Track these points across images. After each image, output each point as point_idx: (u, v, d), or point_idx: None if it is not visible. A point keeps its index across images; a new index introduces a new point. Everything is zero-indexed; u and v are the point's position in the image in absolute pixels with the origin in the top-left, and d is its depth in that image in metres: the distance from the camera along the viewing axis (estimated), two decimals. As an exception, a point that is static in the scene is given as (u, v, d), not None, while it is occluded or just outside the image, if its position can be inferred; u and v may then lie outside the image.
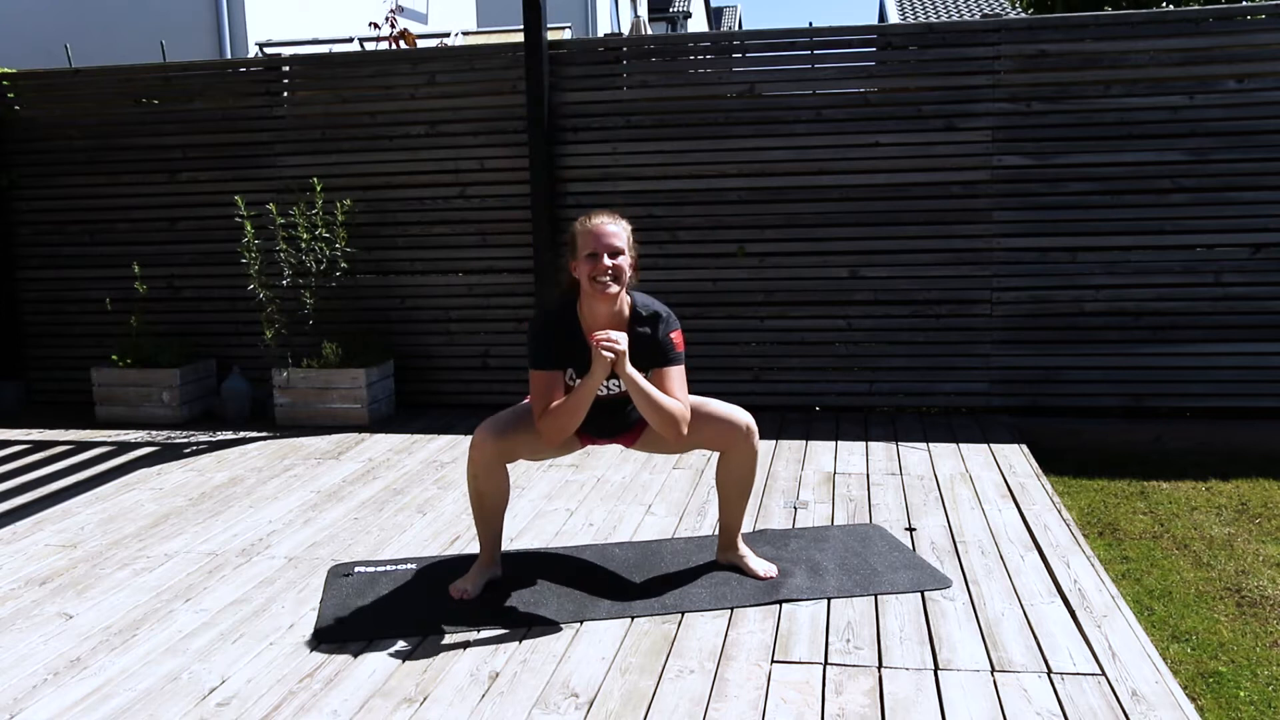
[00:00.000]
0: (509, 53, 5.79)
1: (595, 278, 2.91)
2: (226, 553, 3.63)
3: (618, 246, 2.93)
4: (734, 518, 3.28)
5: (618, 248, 2.93)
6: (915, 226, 5.48)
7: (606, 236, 2.92)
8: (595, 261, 2.91)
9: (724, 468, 3.18)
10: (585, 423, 3.09)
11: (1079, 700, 2.46)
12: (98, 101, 6.20)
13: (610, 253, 2.91)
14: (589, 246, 2.92)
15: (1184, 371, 5.37)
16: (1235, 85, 5.19)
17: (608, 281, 2.91)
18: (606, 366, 2.87)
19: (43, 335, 6.44)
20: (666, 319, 3.04)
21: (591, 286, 2.93)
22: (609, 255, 2.91)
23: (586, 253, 2.92)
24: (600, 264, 2.90)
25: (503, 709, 2.49)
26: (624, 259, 2.94)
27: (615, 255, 2.92)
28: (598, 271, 2.91)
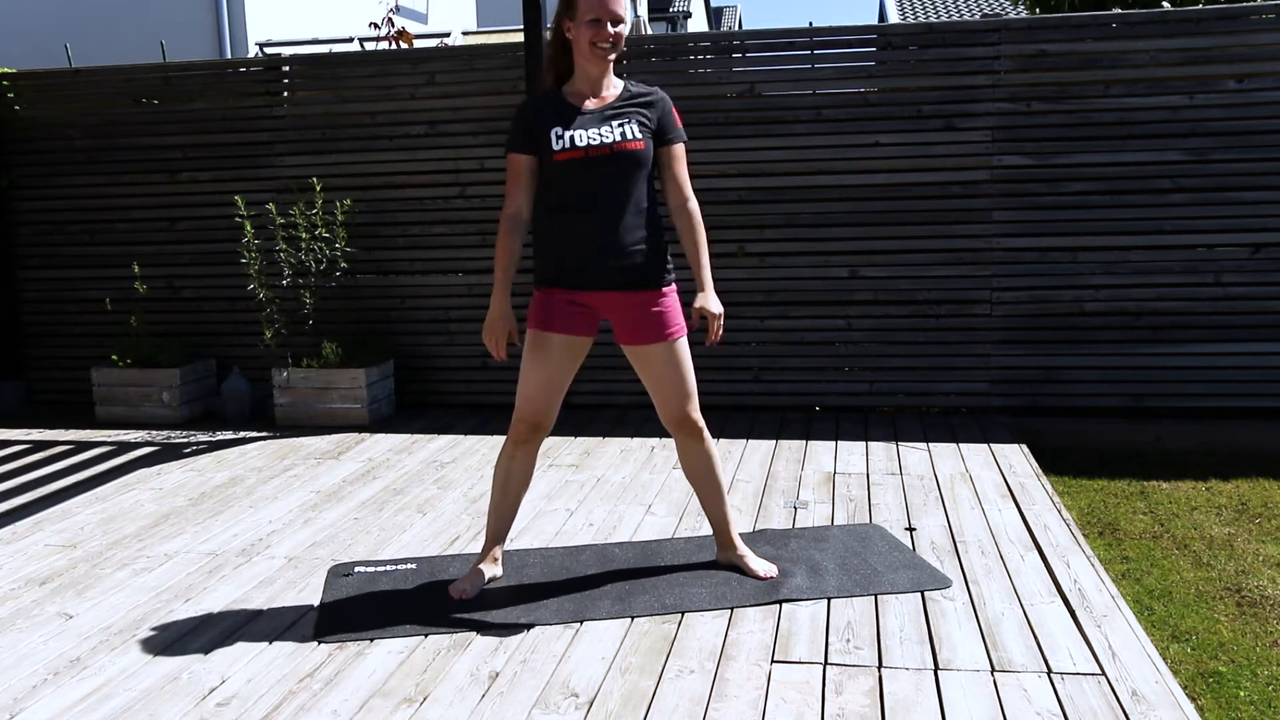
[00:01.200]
0: (509, 53, 5.79)
1: (596, 43, 2.91)
2: (226, 553, 3.63)
3: (620, 14, 2.93)
4: (718, 515, 3.28)
5: (620, 16, 2.93)
6: (915, 226, 5.48)
7: (612, 3, 2.91)
8: (599, 28, 2.91)
9: (682, 459, 3.25)
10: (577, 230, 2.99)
11: (1079, 700, 2.47)
12: (98, 101, 6.20)
13: (614, 20, 2.91)
14: (593, 11, 2.90)
15: (1184, 371, 5.37)
16: (1235, 85, 5.19)
17: (609, 48, 2.93)
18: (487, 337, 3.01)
19: (43, 335, 6.44)
20: (665, 97, 3.07)
21: (591, 51, 2.93)
22: (612, 23, 2.91)
23: (590, 17, 2.91)
24: (604, 30, 2.90)
25: (503, 709, 2.49)
26: (624, 27, 2.94)
27: (618, 23, 2.92)
28: (599, 38, 2.91)
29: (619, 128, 2.96)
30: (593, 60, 2.95)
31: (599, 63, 2.96)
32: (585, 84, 3.01)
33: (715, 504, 3.27)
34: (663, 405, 3.14)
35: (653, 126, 3.03)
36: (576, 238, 3.00)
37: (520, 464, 3.17)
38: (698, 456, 3.21)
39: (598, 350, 5.65)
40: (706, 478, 3.24)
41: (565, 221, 3.01)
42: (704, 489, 3.26)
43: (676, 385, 3.11)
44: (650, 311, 3.06)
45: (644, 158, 3.00)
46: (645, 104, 3.04)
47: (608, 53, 2.93)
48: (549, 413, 3.10)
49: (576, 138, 2.94)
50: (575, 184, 2.97)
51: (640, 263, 3.03)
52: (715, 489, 3.25)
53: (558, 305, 3.06)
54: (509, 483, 3.19)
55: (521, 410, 3.09)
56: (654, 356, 3.08)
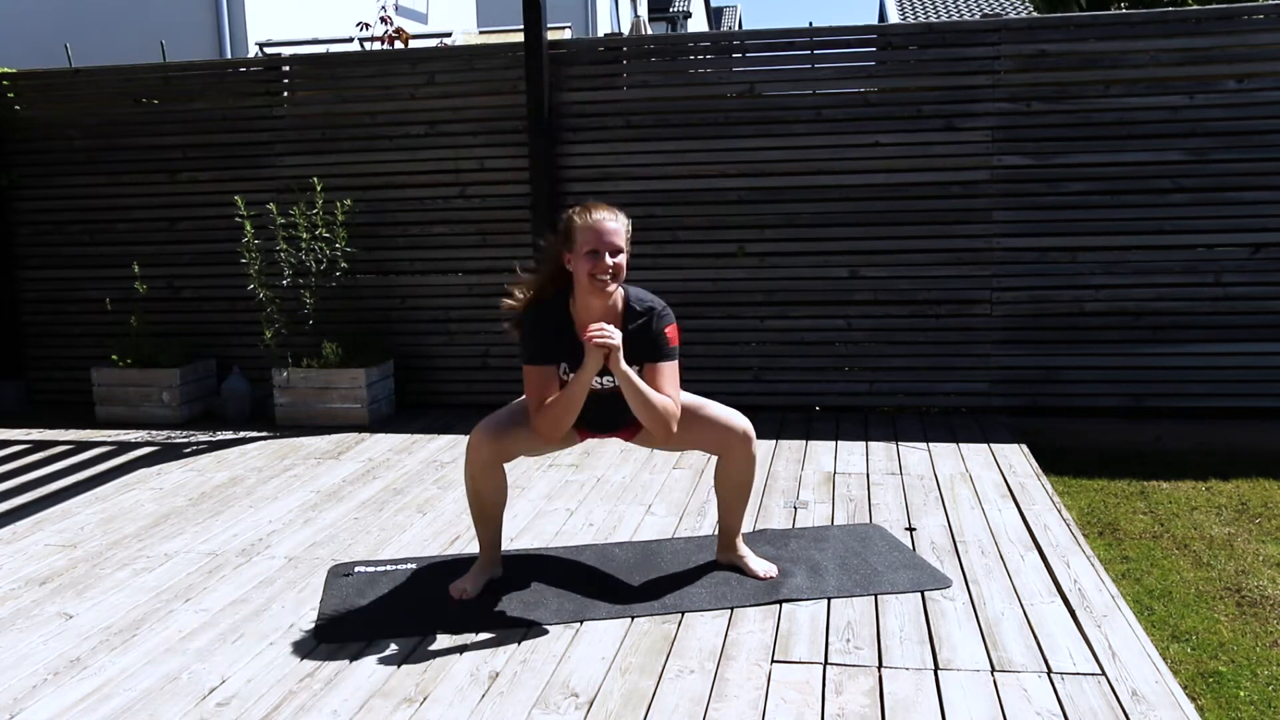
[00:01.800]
0: (509, 53, 5.79)
1: (595, 275, 2.88)
2: (226, 553, 3.63)
3: (619, 245, 2.90)
4: (733, 520, 3.27)
5: (619, 246, 2.90)
6: (915, 226, 5.48)
7: (609, 234, 2.88)
8: (597, 260, 2.86)
9: (722, 471, 3.18)
10: (582, 417, 3.07)
11: (1079, 700, 2.46)
12: (98, 101, 6.20)
13: (612, 251, 2.88)
14: (590, 243, 2.87)
15: (1184, 371, 5.37)
16: (1235, 85, 5.19)
17: (608, 280, 2.88)
18: (599, 359, 2.84)
19: (43, 335, 6.44)
20: (661, 314, 3.01)
21: (590, 284, 2.89)
22: (610, 254, 2.88)
23: (587, 249, 2.87)
24: (602, 263, 2.86)
25: (503, 709, 2.49)
26: (623, 257, 2.91)
27: (616, 254, 2.89)
28: (598, 270, 2.87)
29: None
30: (594, 293, 2.91)
31: (600, 295, 2.92)
32: (588, 315, 2.97)
33: (737, 512, 3.25)
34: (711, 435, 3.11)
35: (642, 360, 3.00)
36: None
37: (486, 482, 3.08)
38: (746, 463, 3.15)
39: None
40: (745, 484, 3.19)
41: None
42: (736, 495, 3.21)
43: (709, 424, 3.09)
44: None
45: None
46: (639, 335, 2.99)
47: (607, 284, 2.89)
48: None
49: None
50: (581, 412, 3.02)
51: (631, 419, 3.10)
52: (744, 498, 3.23)
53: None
54: (482, 500, 3.12)
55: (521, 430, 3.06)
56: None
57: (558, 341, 2.99)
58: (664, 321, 3.00)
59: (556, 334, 2.99)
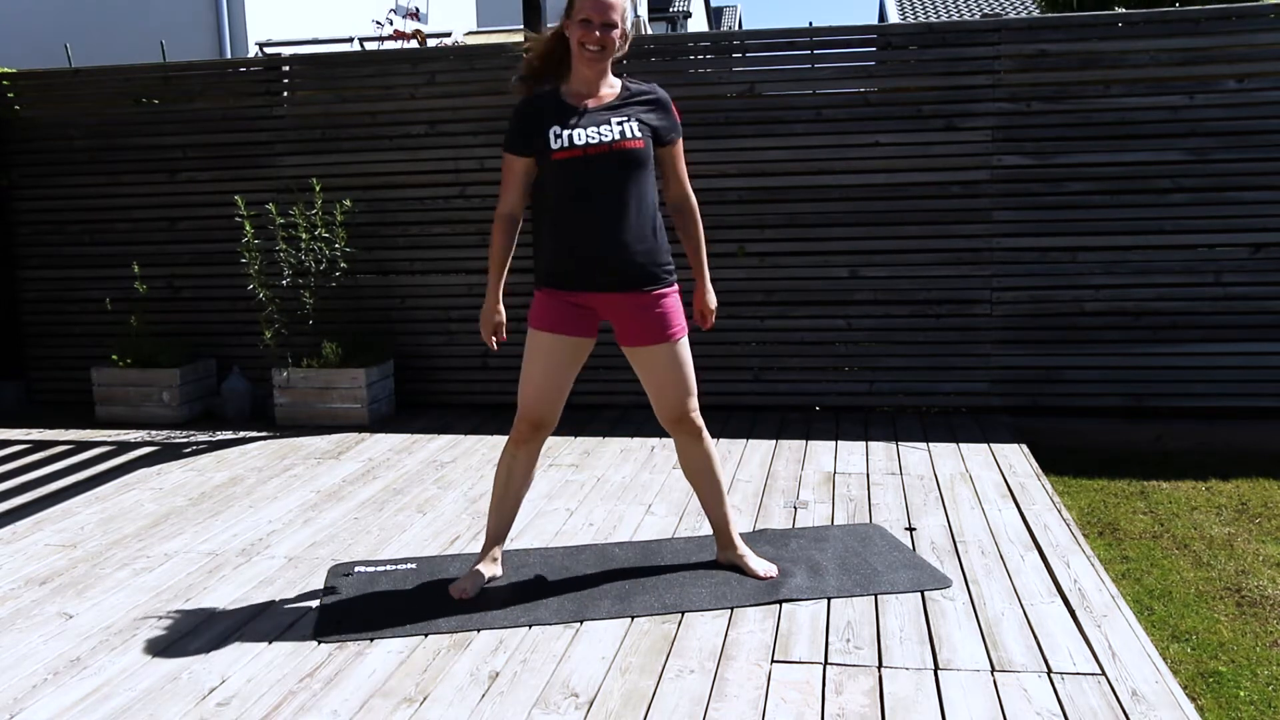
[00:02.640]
0: (509, 53, 5.79)
1: (585, 44, 2.92)
2: (226, 553, 3.63)
3: (612, 19, 2.92)
4: (716, 512, 3.28)
5: (612, 20, 2.92)
6: (915, 226, 5.48)
7: (603, 7, 2.91)
8: (587, 29, 2.91)
9: (681, 458, 3.26)
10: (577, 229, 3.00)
11: (1079, 700, 2.46)
12: (98, 101, 6.20)
13: (604, 24, 2.91)
14: (584, 11, 2.92)
15: (1184, 371, 5.37)
16: (1235, 85, 5.19)
17: (596, 50, 2.93)
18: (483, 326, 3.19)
19: (43, 335, 6.44)
20: (664, 96, 3.09)
21: (580, 51, 2.94)
22: (601, 27, 2.91)
23: (580, 17, 2.92)
24: (591, 33, 2.91)
25: (503, 709, 2.49)
26: (615, 32, 2.94)
27: (608, 28, 2.92)
28: (588, 39, 2.91)
29: (618, 126, 2.96)
30: (583, 61, 2.96)
31: (590, 64, 2.96)
32: (581, 84, 3.01)
33: (715, 504, 3.27)
34: (661, 405, 3.14)
35: (652, 125, 3.03)
36: (576, 238, 3.00)
37: (522, 464, 3.17)
38: (697, 456, 3.21)
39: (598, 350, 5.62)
40: (706, 477, 3.24)
41: (565, 222, 3.01)
42: (703, 489, 3.26)
43: (677, 385, 3.11)
44: (652, 313, 3.07)
45: (643, 156, 2.99)
46: (644, 102, 3.05)
47: (595, 56, 2.93)
48: (551, 412, 3.10)
49: (575, 136, 2.94)
50: (574, 183, 2.97)
51: (640, 263, 3.03)
52: (715, 489, 3.25)
53: (558, 306, 3.07)
54: (510, 482, 3.19)
55: (524, 410, 3.10)
56: (656, 357, 3.08)
57: (543, 115, 2.98)
58: (669, 101, 3.10)
59: (542, 110, 3.00)
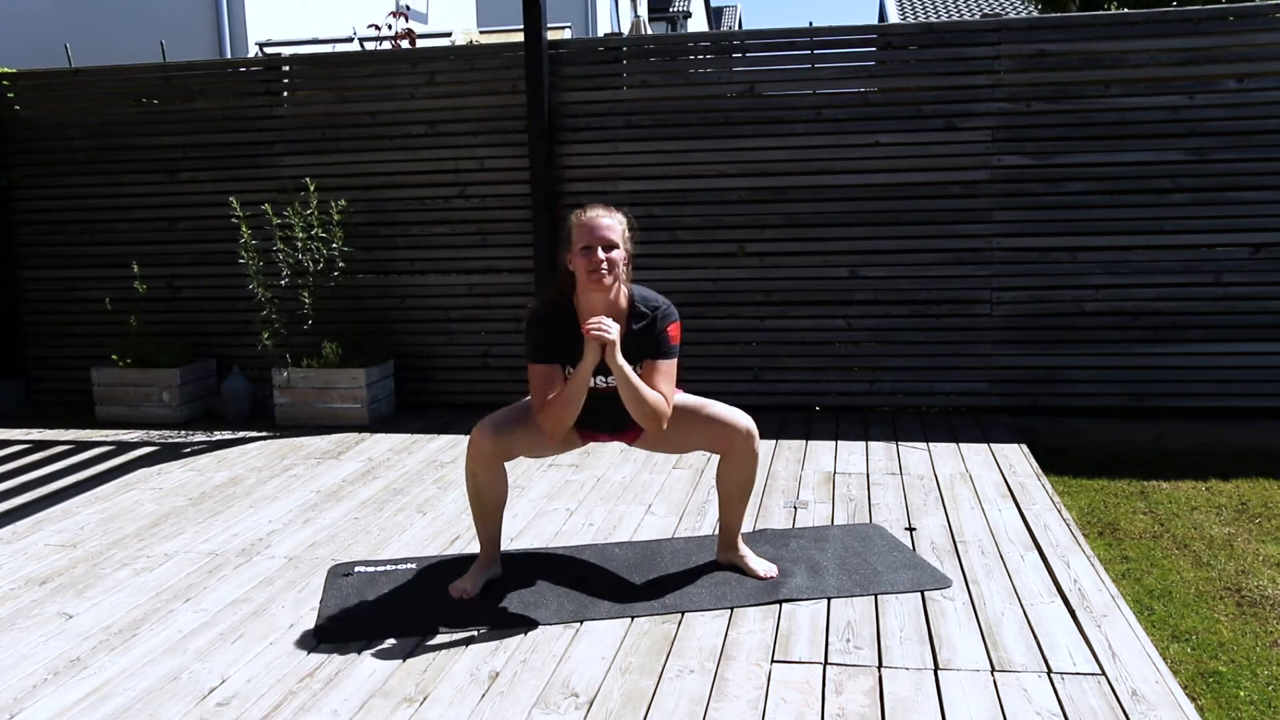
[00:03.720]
0: (509, 53, 5.79)
1: (590, 271, 2.92)
2: (226, 553, 3.63)
3: (612, 240, 2.94)
4: (734, 519, 3.28)
5: (612, 241, 2.94)
6: (915, 226, 5.48)
7: (600, 229, 2.93)
8: (590, 255, 2.92)
9: (724, 470, 3.18)
10: (585, 417, 3.09)
11: (1079, 700, 2.46)
12: (98, 101, 6.20)
13: (604, 245, 2.92)
14: (583, 239, 2.93)
15: (1184, 371, 5.37)
16: (1235, 85, 5.19)
17: (603, 275, 2.92)
18: (598, 351, 2.89)
19: (43, 335, 6.44)
20: (665, 312, 3.05)
21: (587, 280, 2.94)
22: (603, 248, 2.92)
23: (581, 245, 2.93)
24: (594, 257, 2.91)
25: (503, 709, 2.49)
26: (618, 252, 2.95)
27: (610, 249, 2.93)
28: (592, 265, 2.91)
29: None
30: (591, 288, 2.96)
31: (597, 289, 2.96)
32: (590, 311, 3.01)
33: (736, 513, 3.26)
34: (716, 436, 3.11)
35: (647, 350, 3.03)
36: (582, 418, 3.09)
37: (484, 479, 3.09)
38: (751, 462, 3.16)
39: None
40: (743, 488, 3.21)
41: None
42: (734, 498, 3.22)
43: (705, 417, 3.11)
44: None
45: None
46: (644, 329, 3.03)
47: (603, 278, 2.93)
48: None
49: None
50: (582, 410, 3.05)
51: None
52: (745, 500, 3.24)
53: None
54: (482, 498, 3.13)
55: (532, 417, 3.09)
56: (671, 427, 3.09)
57: (560, 340, 3.02)
58: (667, 320, 3.04)
59: (559, 332, 3.03)
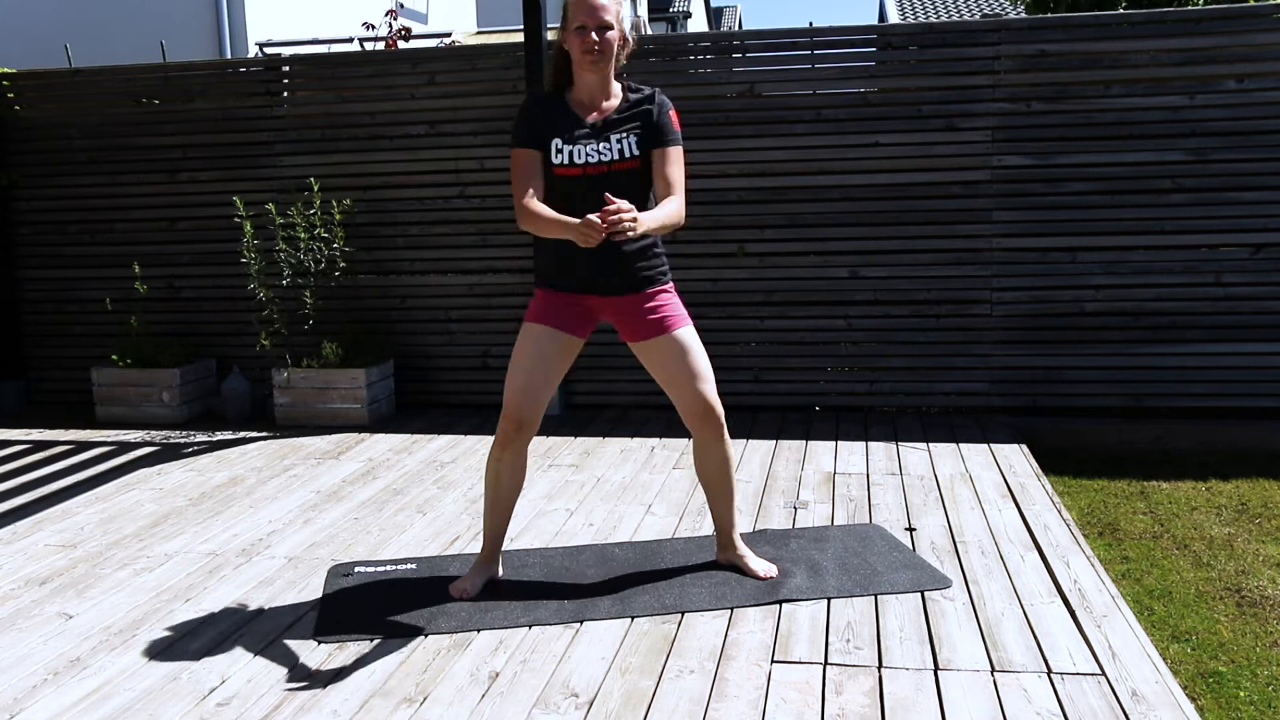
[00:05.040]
0: (509, 53, 5.79)
1: (584, 51, 2.94)
2: (226, 553, 3.63)
3: (606, 20, 2.94)
4: (722, 513, 3.28)
5: (606, 21, 2.94)
6: (915, 226, 5.48)
7: (596, 9, 2.94)
8: (584, 35, 2.93)
9: (698, 460, 3.23)
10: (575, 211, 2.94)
11: (1079, 700, 2.47)
12: (98, 101, 6.20)
13: (599, 26, 2.93)
14: (578, 19, 2.94)
15: (1184, 371, 5.37)
16: (1235, 85, 5.19)
17: (596, 55, 2.94)
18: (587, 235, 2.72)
19: (43, 335, 6.44)
20: (663, 100, 3.07)
21: (581, 58, 2.96)
22: (597, 30, 2.93)
23: (575, 25, 2.95)
24: (588, 38, 2.93)
25: (503, 709, 2.49)
26: (612, 33, 2.96)
27: (604, 30, 2.94)
28: (586, 44, 2.93)
29: (616, 144, 2.99)
30: (584, 67, 2.98)
31: (591, 70, 2.98)
32: (584, 92, 3.04)
33: (724, 506, 3.27)
34: (680, 397, 3.11)
35: (648, 133, 3.04)
36: (575, 247, 3.00)
37: (509, 466, 3.13)
38: (715, 456, 3.18)
39: (598, 350, 5.66)
40: (720, 479, 3.22)
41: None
42: (715, 489, 3.24)
43: (689, 372, 3.09)
44: (649, 308, 3.09)
45: (639, 173, 3.03)
46: (643, 112, 3.05)
47: (595, 59, 2.95)
48: (535, 408, 3.07)
49: (575, 154, 2.97)
50: (573, 199, 3.00)
51: (637, 267, 3.07)
52: (727, 492, 3.25)
53: (557, 304, 3.08)
54: (499, 486, 3.15)
55: (509, 404, 3.06)
56: (660, 349, 3.09)
57: (549, 120, 3.01)
58: (666, 106, 3.07)
59: (548, 114, 3.02)
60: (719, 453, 3.18)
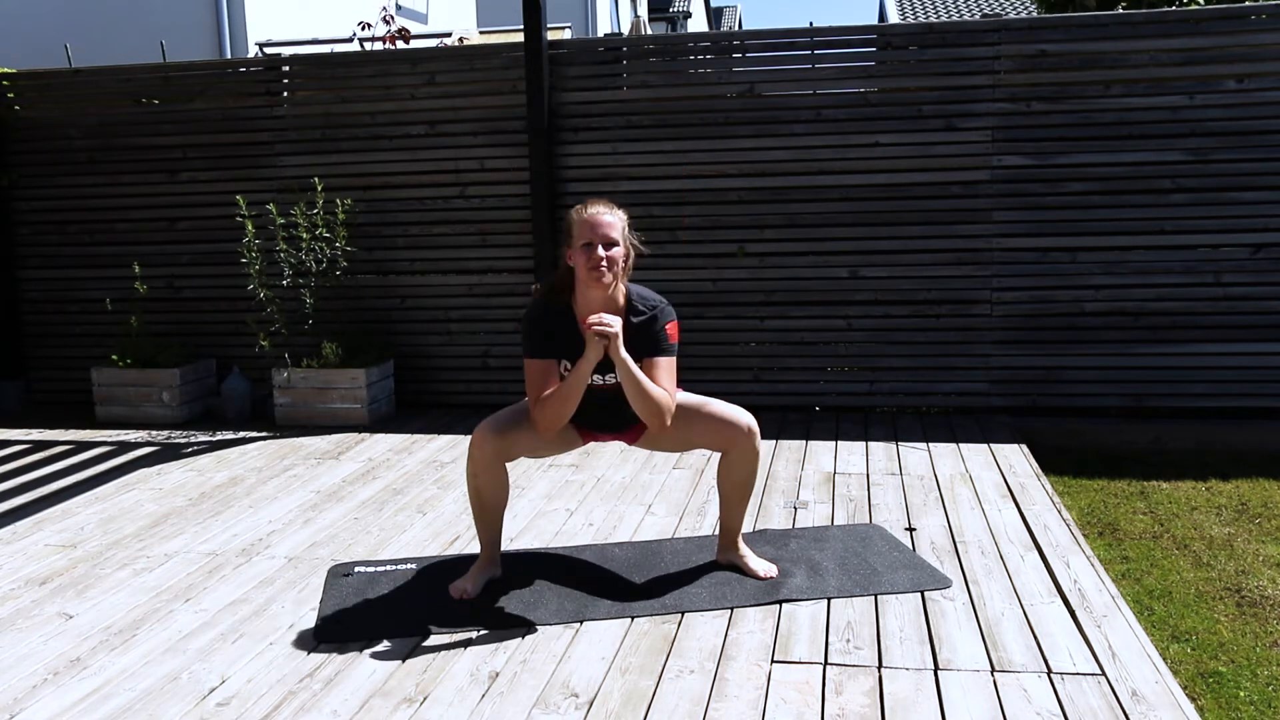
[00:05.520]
0: (509, 53, 5.79)
1: (590, 268, 2.93)
2: (226, 553, 3.63)
3: (613, 237, 2.94)
4: (734, 518, 3.28)
5: (613, 239, 2.94)
6: (915, 226, 5.49)
7: (602, 227, 2.93)
8: (590, 252, 2.92)
9: (724, 468, 3.18)
10: (584, 415, 3.09)
11: (1079, 700, 2.46)
12: (98, 101, 6.20)
13: (605, 243, 2.93)
14: (584, 236, 2.94)
15: (1184, 371, 5.37)
16: (1235, 85, 5.19)
17: (603, 272, 2.92)
18: (599, 349, 2.88)
19: (43, 335, 6.44)
20: (662, 310, 3.05)
21: (587, 276, 2.94)
22: (603, 246, 2.92)
23: (582, 242, 2.94)
24: (595, 255, 2.91)
25: (503, 709, 2.49)
26: (618, 250, 2.95)
27: (610, 246, 2.93)
28: (593, 262, 2.92)
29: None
30: (590, 284, 2.96)
31: (597, 287, 2.96)
32: (588, 308, 3.01)
33: (737, 512, 3.26)
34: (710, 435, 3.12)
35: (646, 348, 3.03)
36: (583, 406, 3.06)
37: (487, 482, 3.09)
38: (750, 460, 3.15)
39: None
40: (749, 483, 3.20)
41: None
42: (741, 494, 3.22)
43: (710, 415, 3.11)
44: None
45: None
46: (643, 329, 3.03)
47: (602, 276, 2.93)
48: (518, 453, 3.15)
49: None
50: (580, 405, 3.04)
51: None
52: (745, 499, 3.24)
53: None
54: (482, 500, 3.13)
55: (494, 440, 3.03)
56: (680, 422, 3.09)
57: (558, 336, 3.03)
58: (665, 318, 3.04)
59: (557, 329, 3.03)
60: (754, 456, 3.15)
